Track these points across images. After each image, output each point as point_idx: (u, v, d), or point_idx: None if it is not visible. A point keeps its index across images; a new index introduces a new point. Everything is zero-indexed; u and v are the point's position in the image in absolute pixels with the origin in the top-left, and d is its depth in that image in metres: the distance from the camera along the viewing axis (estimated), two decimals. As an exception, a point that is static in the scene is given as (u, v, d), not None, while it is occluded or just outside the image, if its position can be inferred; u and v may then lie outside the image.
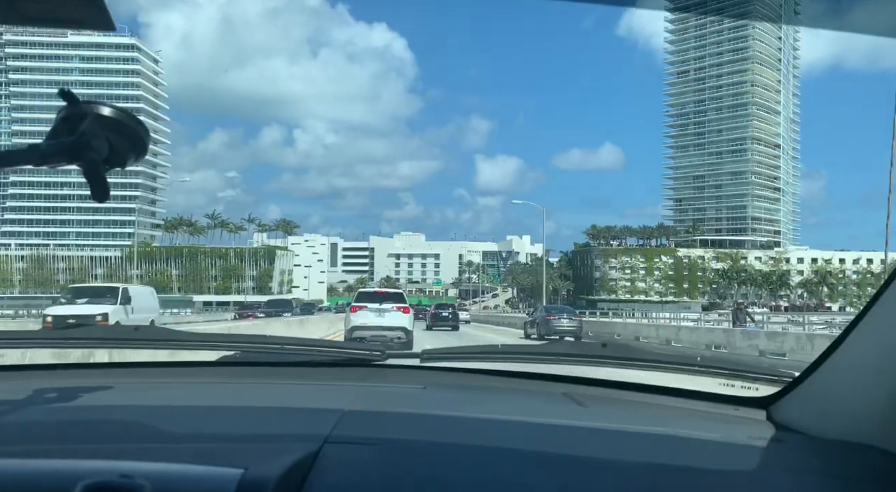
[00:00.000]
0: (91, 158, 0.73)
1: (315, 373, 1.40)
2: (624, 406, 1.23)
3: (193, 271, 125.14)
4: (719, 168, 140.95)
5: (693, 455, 0.86)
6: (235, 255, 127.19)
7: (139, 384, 1.26)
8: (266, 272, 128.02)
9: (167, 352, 1.45)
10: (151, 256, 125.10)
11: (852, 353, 0.97)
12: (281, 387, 1.27)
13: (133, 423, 0.88)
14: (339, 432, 0.83)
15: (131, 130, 0.76)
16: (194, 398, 1.13)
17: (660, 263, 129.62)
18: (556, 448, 0.84)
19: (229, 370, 1.44)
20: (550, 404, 1.21)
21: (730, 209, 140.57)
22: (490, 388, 1.35)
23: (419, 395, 1.23)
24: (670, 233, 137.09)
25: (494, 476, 0.72)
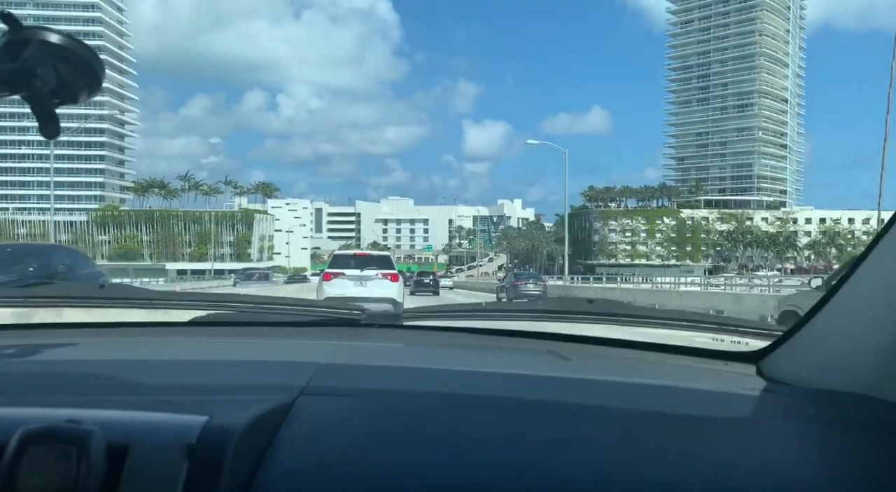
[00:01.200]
0: (37, 88, 0.67)
1: (292, 332, 1.37)
2: (611, 361, 1.22)
3: (166, 237, 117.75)
4: (724, 124, 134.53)
5: (681, 403, 0.86)
6: (211, 219, 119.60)
7: (105, 342, 1.20)
8: (244, 238, 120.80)
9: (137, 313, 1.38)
10: (120, 220, 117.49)
11: (844, 305, 0.96)
12: (256, 344, 1.24)
13: (93, 375, 0.84)
14: (316, 383, 0.81)
15: (82, 60, 0.70)
16: (162, 354, 1.08)
17: (661, 225, 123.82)
18: (540, 396, 0.83)
19: (202, 330, 1.38)
20: (535, 359, 1.19)
21: (735, 168, 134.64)
22: (473, 345, 1.33)
23: (400, 351, 1.21)
24: (672, 193, 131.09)
25: (476, 425, 0.71)
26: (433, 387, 0.87)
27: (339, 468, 0.58)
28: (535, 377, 0.97)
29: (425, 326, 1.42)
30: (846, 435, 0.78)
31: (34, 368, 0.93)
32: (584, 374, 1.02)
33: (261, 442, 0.59)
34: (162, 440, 0.53)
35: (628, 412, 0.77)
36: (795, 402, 0.94)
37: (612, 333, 1.32)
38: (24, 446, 0.47)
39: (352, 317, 1.37)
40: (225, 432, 0.55)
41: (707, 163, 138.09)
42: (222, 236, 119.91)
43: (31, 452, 0.47)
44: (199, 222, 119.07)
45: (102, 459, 0.48)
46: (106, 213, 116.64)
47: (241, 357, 1.05)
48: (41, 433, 0.48)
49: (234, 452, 0.53)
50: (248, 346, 1.22)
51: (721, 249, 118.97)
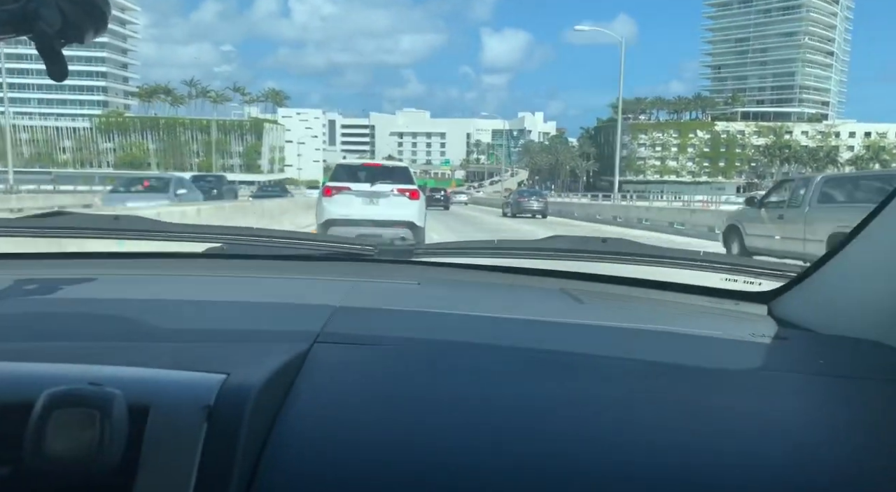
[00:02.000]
0: (41, 30, 0.64)
1: (305, 267, 1.38)
2: (622, 301, 1.23)
3: (173, 146, 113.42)
4: (767, 29, 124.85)
5: (691, 353, 0.86)
6: (219, 128, 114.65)
7: (121, 276, 1.22)
8: (254, 148, 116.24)
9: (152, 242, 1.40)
10: (125, 127, 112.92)
11: (861, 250, 0.96)
12: (270, 281, 1.25)
13: (111, 317, 0.85)
14: (330, 329, 0.81)
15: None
16: (178, 292, 1.10)
17: (694, 138, 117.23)
18: (552, 345, 0.83)
19: (216, 263, 1.42)
20: (548, 300, 1.20)
21: (775, 77, 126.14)
22: (486, 283, 1.34)
23: (414, 291, 1.21)
24: (707, 105, 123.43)
25: (488, 379, 0.71)
26: (445, 334, 0.87)
27: (352, 425, 0.59)
28: (547, 323, 0.97)
29: (437, 262, 1.43)
30: (857, 384, 0.78)
31: (52, 306, 0.93)
32: (595, 319, 1.02)
33: (276, 398, 0.60)
34: (181, 401, 0.54)
35: (638, 364, 0.77)
36: (807, 349, 0.93)
37: (625, 272, 1.32)
38: (49, 409, 0.48)
39: (364, 252, 1.38)
40: (242, 391, 0.56)
41: (746, 71, 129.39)
42: (231, 146, 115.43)
43: (56, 415, 0.48)
44: (207, 131, 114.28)
45: (125, 421, 0.49)
46: (110, 119, 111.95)
47: (256, 298, 1.06)
48: (65, 397, 0.49)
49: (251, 411, 0.54)
50: (262, 283, 1.23)
51: (756, 165, 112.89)
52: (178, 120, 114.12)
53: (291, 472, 0.53)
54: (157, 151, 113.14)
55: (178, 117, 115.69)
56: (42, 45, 0.65)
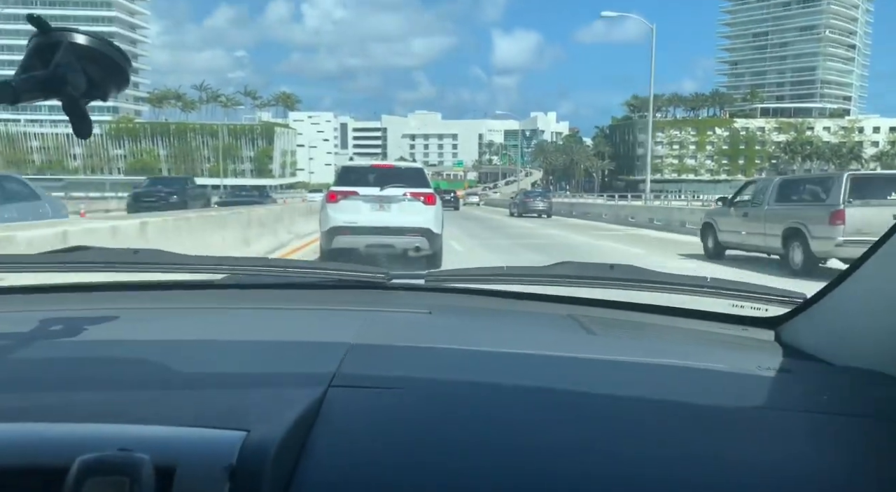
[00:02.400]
0: (68, 93, 0.69)
1: (318, 296, 1.41)
2: (630, 329, 1.24)
3: (183, 151, 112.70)
4: (786, 22, 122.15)
5: (700, 388, 0.87)
6: (229, 132, 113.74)
7: (141, 310, 1.26)
8: (265, 153, 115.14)
9: None
10: (135, 133, 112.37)
11: (868, 276, 0.96)
12: (284, 313, 1.28)
13: (134, 361, 0.88)
14: (345, 370, 0.83)
15: (109, 60, 0.72)
16: (196, 329, 1.13)
17: (712, 136, 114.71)
18: (562, 384, 0.85)
19: (231, 293, 1.46)
20: (556, 329, 1.22)
21: (795, 72, 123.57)
22: (496, 310, 1.36)
23: (425, 322, 1.23)
24: (725, 101, 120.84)
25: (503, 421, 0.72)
26: (459, 374, 0.89)
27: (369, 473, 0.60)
28: (555, 359, 0.98)
29: (449, 287, 1.45)
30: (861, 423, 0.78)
31: (76, 350, 0.96)
32: (603, 352, 1.04)
33: (295, 450, 0.61)
34: (205, 461, 0.56)
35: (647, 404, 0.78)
36: (811, 383, 0.94)
37: (632, 297, 1.33)
38: (83, 477, 0.50)
39: (376, 279, 1.39)
40: (262, 448, 0.58)
41: (765, 67, 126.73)
42: (242, 151, 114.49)
43: (89, 483, 0.50)
44: (217, 136, 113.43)
45: (152, 484, 0.51)
46: (120, 125, 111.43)
47: (270, 334, 1.09)
48: (98, 465, 0.51)
49: (271, 467, 0.56)
50: (275, 316, 1.26)
51: (777, 163, 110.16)
52: (188, 125, 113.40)
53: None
54: (168, 156, 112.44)
55: (189, 122, 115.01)
56: (68, 106, 0.69)
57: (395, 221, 8.96)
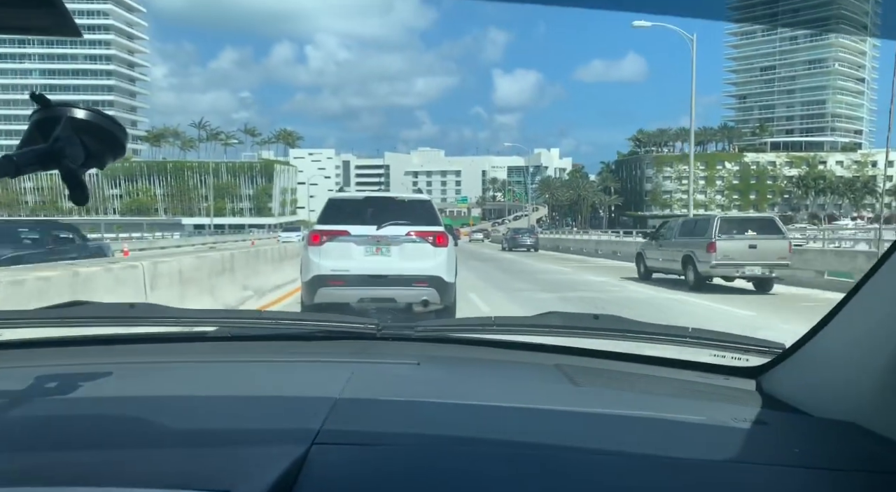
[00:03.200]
0: (67, 165, 0.71)
1: (308, 348, 1.42)
2: (614, 380, 1.25)
3: (181, 190, 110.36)
4: (794, 56, 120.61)
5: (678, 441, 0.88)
6: (228, 170, 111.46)
7: (134, 365, 1.28)
8: (264, 191, 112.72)
9: None
10: (131, 172, 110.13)
11: (846, 325, 0.97)
12: (273, 365, 1.30)
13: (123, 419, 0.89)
14: (329, 426, 0.83)
15: (107, 133, 0.75)
16: (185, 386, 1.15)
17: (722, 170, 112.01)
18: (546, 438, 0.86)
19: (223, 346, 1.47)
20: (542, 380, 1.23)
21: (804, 106, 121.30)
22: (484, 361, 1.37)
23: (413, 374, 1.24)
24: (733, 135, 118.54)
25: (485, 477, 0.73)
26: (445, 429, 0.88)
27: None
28: (540, 413, 0.99)
29: (438, 338, 1.46)
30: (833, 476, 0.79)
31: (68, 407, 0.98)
32: (586, 405, 1.04)
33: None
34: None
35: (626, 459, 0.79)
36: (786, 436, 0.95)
37: (617, 347, 1.36)
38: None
39: (366, 331, 1.41)
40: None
41: (773, 100, 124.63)
42: (241, 189, 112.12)
43: None
44: (216, 174, 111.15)
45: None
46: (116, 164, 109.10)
47: (258, 388, 1.11)
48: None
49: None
50: (265, 369, 1.27)
51: (789, 197, 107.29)
52: (185, 163, 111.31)
53: None
54: (165, 195, 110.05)
55: (186, 161, 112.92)
56: (66, 176, 0.72)
57: (397, 268, 7.19)
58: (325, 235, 7.30)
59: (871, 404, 0.89)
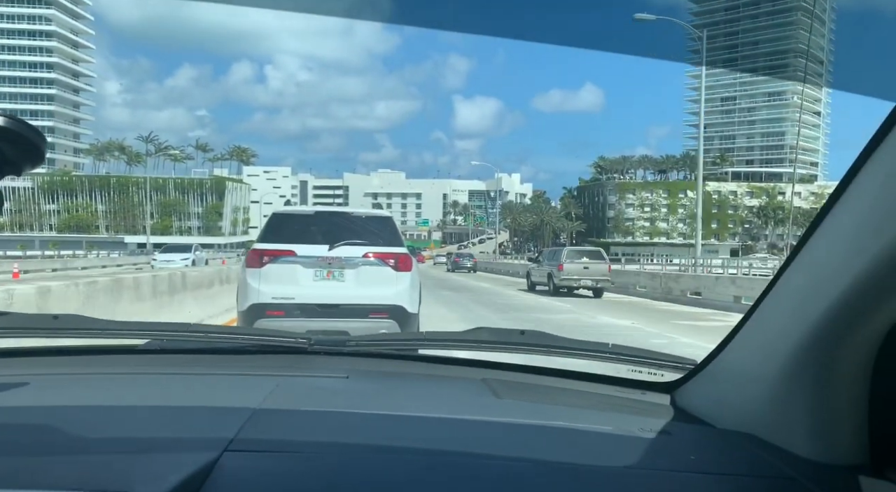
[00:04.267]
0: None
1: (236, 362, 1.41)
2: (535, 394, 1.28)
3: (124, 207, 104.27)
4: (753, 88, 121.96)
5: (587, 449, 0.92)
6: (176, 186, 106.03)
7: (56, 376, 1.25)
8: (214, 208, 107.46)
9: None
10: (71, 187, 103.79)
11: (745, 341, 1.02)
12: (197, 378, 1.28)
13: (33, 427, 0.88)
14: (244, 435, 0.82)
15: (24, 139, 0.73)
16: (105, 395, 1.13)
17: (684, 199, 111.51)
18: (466, 447, 0.87)
19: (150, 358, 1.44)
20: (466, 393, 1.26)
21: (764, 136, 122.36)
22: (413, 375, 1.39)
23: (341, 387, 1.24)
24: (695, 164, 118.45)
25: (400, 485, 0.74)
26: (365, 438, 0.88)
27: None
28: (461, 422, 1.01)
29: (369, 352, 1.47)
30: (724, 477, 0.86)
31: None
32: (508, 415, 1.07)
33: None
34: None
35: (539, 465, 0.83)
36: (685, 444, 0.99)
37: (542, 361, 1.41)
38: None
39: (298, 345, 1.41)
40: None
41: (733, 130, 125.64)
42: (189, 207, 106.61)
43: None
44: (163, 191, 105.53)
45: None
46: (54, 178, 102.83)
47: (178, 399, 1.09)
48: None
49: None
50: (188, 382, 1.25)
51: (750, 226, 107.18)
52: (130, 179, 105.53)
53: None
54: (107, 212, 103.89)
55: (131, 176, 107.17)
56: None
57: (352, 295, 6.18)
58: (267, 256, 6.22)
59: (764, 415, 0.93)
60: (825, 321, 0.81)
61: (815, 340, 0.84)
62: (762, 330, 0.97)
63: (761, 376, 0.94)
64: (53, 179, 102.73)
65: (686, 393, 1.20)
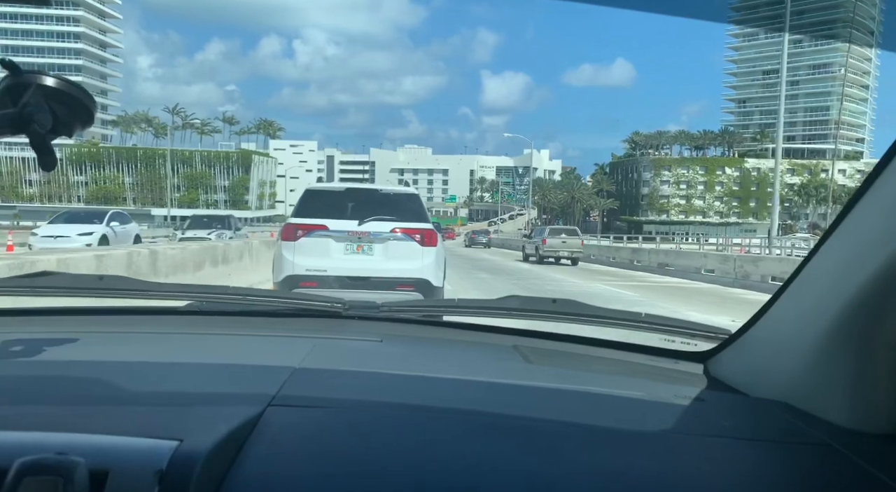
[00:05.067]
0: (35, 130, 0.73)
1: (274, 324, 1.44)
2: (567, 360, 1.29)
3: (151, 179, 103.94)
4: (798, 60, 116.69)
5: (620, 414, 0.92)
6: (202, 159, 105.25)
7: (102, 334, 1.29)
8: (241, 182, 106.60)
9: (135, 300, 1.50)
10: (98, 158, 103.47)
11: (781, 311, 1.03)
12: (238, 339, 1.31)
13: (85, 380, 0.91)
14: (286, 392, 0.85)
15: (76, 100, 0.76)
16: (151, 352, 1.17)
17: (722, 176, 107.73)
18: (497, 408, 0.88)
19: (192, 319, 1.48)
20: (499, 359, 1.26)
21: (807, 112, 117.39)
22: (445, 340, 1.40)
23: (375, 349, 1.26)
24: (734, 140, 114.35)
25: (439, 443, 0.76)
26: (400, 397, 0.91)
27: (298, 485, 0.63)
28: (494, 385, 1.02)
29: (402, 318, 1.49)
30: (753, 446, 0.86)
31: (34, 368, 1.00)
32: (539, 381, 1.08)
33: (226, 461, 0.64)
34: (136, 466, 0.59)
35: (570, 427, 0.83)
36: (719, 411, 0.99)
37: (573, 330, 1.40)
38: (21, 476, 0.54)
39: (332, 309, 1.44)
40: (192, 456, 0.60)
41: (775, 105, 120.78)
42: (216, 180, 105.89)
43: (26, 482, 0.53)
44: (190, 163, 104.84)
45: (86, 485, 0.55)
46: (82, 149, 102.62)
47: (221, 358, 1.13)
48: (35, 465, 0.54)
49: (199, 474, 0.59)
50: (229, 342, 1.28)
51: (790, 205, 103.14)
52: (157, 151, 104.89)
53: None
54: (134, 184, 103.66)
55: (158, 148, 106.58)
56: (35, 142, 0.74)
57: (380, 268, 6.58)
58: (301, 230, 6.70)
59: (800, 384, 0.94)
60: (866, 291, 0.81)
61: (855, 310, 0.84)
62: (800, 300, 0.98)
63: (798, 345, 0.94)
64: (81, 151, 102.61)
65: (719, 363, 1.21)
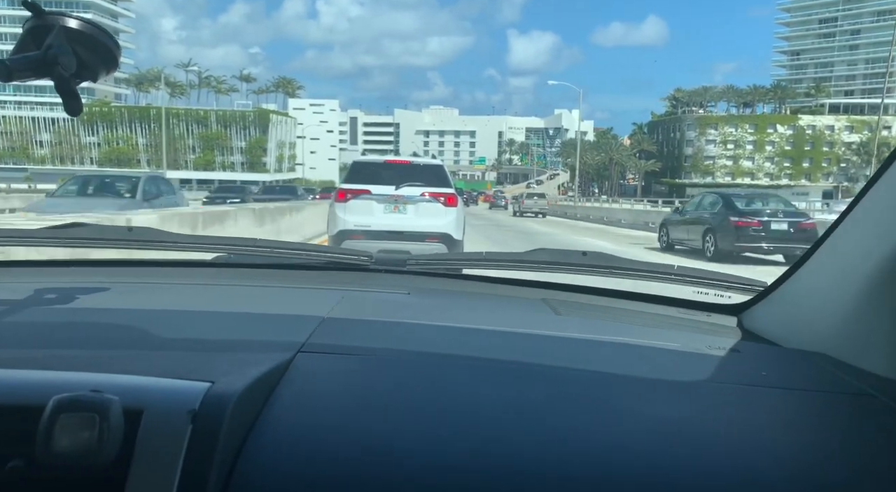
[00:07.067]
0: (59, 73, 0.73)
1: (302, 276, 1.46)
2: (598, 313, 1.29)
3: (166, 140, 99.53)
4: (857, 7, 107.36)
5: (652, 364, 0.92)
6: (218, 119, 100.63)
7: (132, 284, 1.32)
8: (258, 143, 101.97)
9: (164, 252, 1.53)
10: (111, 118, 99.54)
11: (819, 264, 1.02)
12: (267, 290, 1.34)
13: (117, 326, 0.93)
14: (315, 340, 0.87)
15: (100, 44, 0.76)
16: (181, 301, 1.19)
17: (773, 135, 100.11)
18: (527, 357, 0.89)
19: (221, 271, 1.52)
20: (528, 311, 1.27)
21: (869, 63, 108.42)
22: (473, 294, 1.41)
23: (403, 301, 1.27)
24: (786, 95, 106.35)
25: (467, 390, 0.76)
26: (431, 347, 0.92)
27: (329, 432, 0.65)
28: (528, 335, 1.03)
29: (429, 271, 1.51)
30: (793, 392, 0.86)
31: (67, 315, 1.03)
32: (570, 331, 1.08)
33: (257, 403, 0.66)
34: (170, 406, 0.61)
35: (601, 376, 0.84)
36: (755, 361, 1.00)
37: (603, 283, 1.39)
38: (57, 412, 0.55)
39: (360, 262, 1.47)
40: (224, 397, 0.62)
41: (832, 57, 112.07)
42: (232, 141, 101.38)
43: (62, 418, 0.55)
44: (205, 124, 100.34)
45: (120, 423, 0.56)
46: (93, 109, 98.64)
47: (251, 307, 1.13)
48: (70, 402, 0.56)
49: (231, 415, 0.61)
50: (259, 292, 1.31)
51: (847, 166, 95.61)
52: (171, 110, 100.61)
53: (266, 468, 0.60)
54: (148, 145, 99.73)
55: (171, 108, 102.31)
56: (59, 85, 0.74)
57: (412, 224, 8.77)
58: (350, 194, 8.85)
59: (839, 335, 0.94)
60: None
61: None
62: (840, 251, 0.97)
63: (838, 296, 0.94)
64: (93, 110, 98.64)
65: (754, 315, 1.20)
